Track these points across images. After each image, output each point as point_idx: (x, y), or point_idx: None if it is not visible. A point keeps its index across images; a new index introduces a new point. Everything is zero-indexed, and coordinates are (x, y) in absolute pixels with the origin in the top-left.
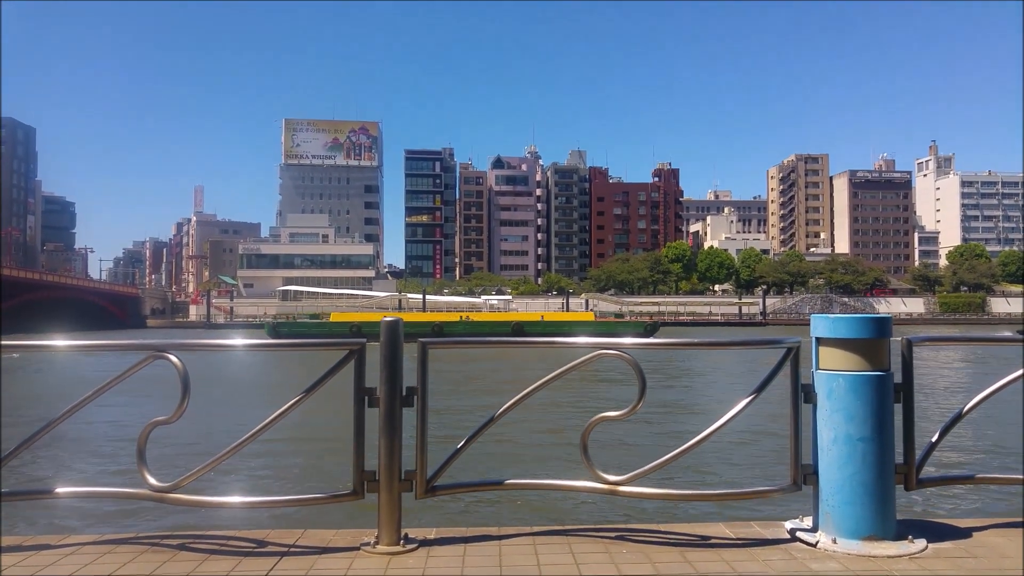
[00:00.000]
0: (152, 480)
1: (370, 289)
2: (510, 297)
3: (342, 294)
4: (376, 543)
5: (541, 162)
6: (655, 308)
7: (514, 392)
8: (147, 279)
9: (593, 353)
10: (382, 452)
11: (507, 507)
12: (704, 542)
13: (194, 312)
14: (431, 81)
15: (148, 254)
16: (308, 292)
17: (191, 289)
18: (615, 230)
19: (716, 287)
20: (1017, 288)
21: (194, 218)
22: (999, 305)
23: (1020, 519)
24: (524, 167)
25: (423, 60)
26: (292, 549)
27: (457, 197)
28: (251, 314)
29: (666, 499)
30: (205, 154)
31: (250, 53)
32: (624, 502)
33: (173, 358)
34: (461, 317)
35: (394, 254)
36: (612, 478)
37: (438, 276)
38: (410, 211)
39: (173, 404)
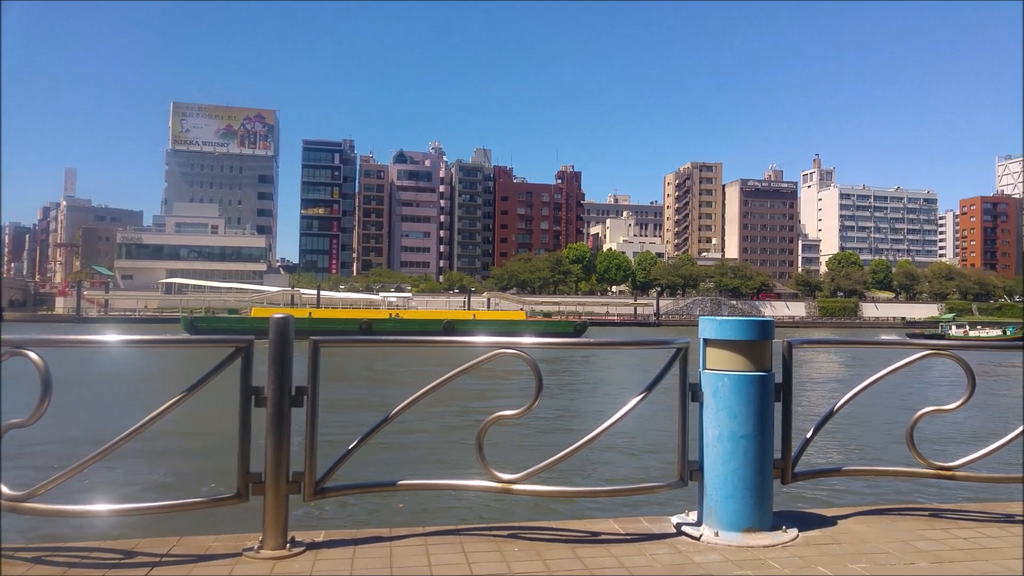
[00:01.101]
0: (4, 488)
1: (261, 283)
2: (410, 295)
3: (231, 288)
4: (260, 548)
5: (445, 159)
6: (555, 308)
7: (418, 392)
8: (5, 268)
9: (492, 352)
10: (269, 453)
11: (403, 508)
12: (594, 538)
13: (61, 305)
14: (333, 72)
15: (7, 240)
16: (194, 285)
17: (58, 280)
18: (518, 230)
19: (614, 288)
20: (884, 294)
21: (64, 203)
22: (869, 310)
23: (880, 507)
24: (428, 163)
25: (325, 51)
26: (165, 558)
27: (357, 191)
28: (129, 307)
29: (559, 496)
30: (79, 135)
31: (132, 30)
32: (520, 500)
33: (32, 354)
34: (391, 314)
35: (288, 248)
36: (506, 477)
37: (334, 271)
38: (306, 203)
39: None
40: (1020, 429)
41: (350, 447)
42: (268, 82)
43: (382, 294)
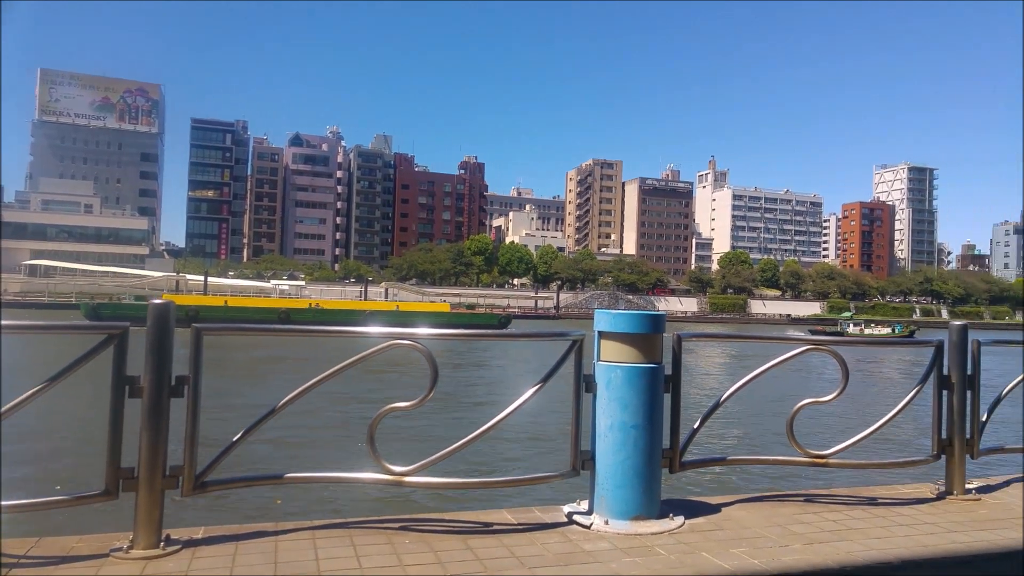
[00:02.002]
0: None
1: (143, 268)
2: (303, 283)
3: (107, 272)
4: (130, 547)
5: (344, 144)
6: (456, 299)
7: (307, 383)
8: None
9: (386, 343)
10: (144, 446)
11: (286, 503)
12: (486, 529)
13: None
14: (225, 51)
15: None
16: (64, 268)
17: None
18: (419, 219)
19: (515, 281)
20: (771, 292)
21: None
22: (757, 307)
23: (760, 494)
24: (325, 147)
25: (217, 28)
26: (22, 560)
27: (249, 173)
28: None
29: (452, 488)
30: None
31: None
32: (415, 494)
33: None
34: (311, 304)
35: (174, 231)
36: (398, 469)
37: (223, 257)
38: (194, 185)
39: None
40: (883, 420)
41: (235, 439)
42: (152, 55)
43: (274, 282)
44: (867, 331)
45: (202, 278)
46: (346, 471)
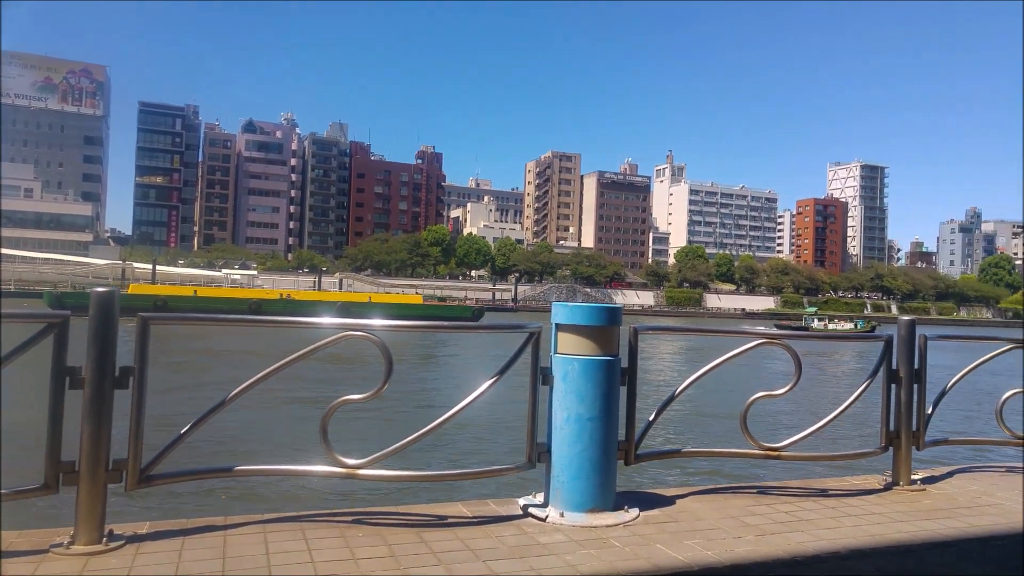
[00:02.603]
0: None
1: (87, 255)
2: (255, 273)
3: (48, 259)
4: (71, 543)
5: (298, 131)
6: (412, 290)
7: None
8: None
9: (340, 334)
10: (85, 439)
11: (235, 497)
12: (441, 522)
13: None
14: (175, 35)
15: None
16: (3, 255)
17: None
18: (375, 209)
19: (473, 273)
20: (727, 287)
21: None
22: (712, 301)
23: (714, 486)
24: (279, 134)
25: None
26: None
27: (200, 160)
28: None
29: (406, 481)
30: None
31: None
32: (369, 487)
33: None
34: (282, 295)
35: (121, 218)
36: (351, 462)
37: (173, 245)
38: (142, 171)
39: None
40: (834, 413)
41: (182, 431)
42: (99, 36)
43: (225, 271)
44: (831, 326)
45: (150, 267)
46: (298, 464)
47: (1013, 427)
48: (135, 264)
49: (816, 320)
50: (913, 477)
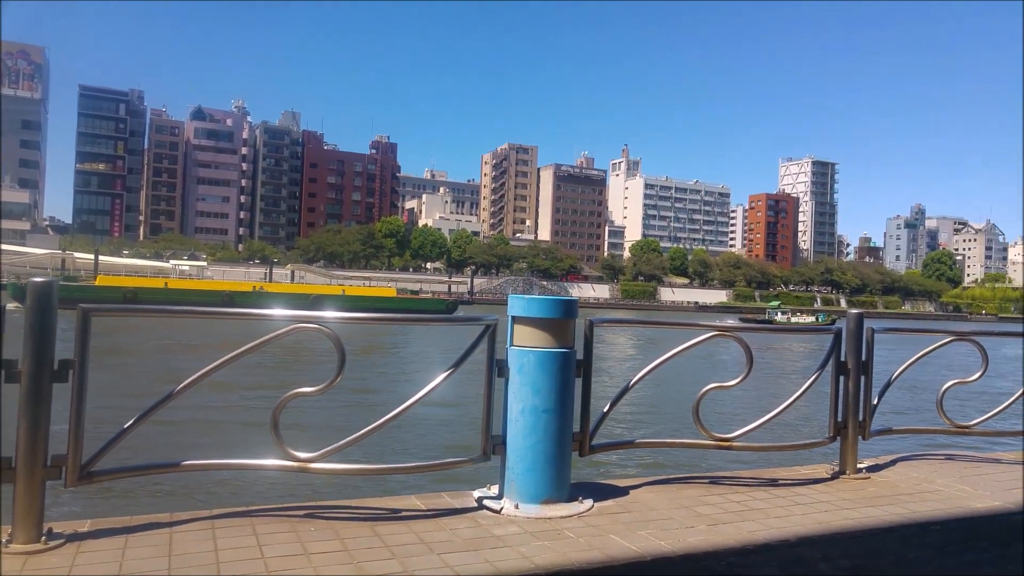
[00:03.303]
0: None
1: (23, 244)
2: (205, 264)
3: None
4: (9, 541)
5: (250, 119)
6: (366, 283)
7: (207, 367)
8: None
9: (291, 327)
10: (22, 434)
11: (185, 493)
12: (395, 515)
13: None
14: (119, 14)
15: None
16: None
17: None
18: (328, 199)
19: (428, 265)
20: (680, 280)
21: None
22: (666, 294)
23: (667, 477)
24: (230, 122)
25: None
26: None
27: (146, 147)
28: None
29: (359, 474)
30: None
31: None
32: (324, 481)
33: None
34: (255, 287)
35: (60, 206)
36: (303, 455)
37: (117, 235)
38: (83, 157)
39: None
40: (784, 404)
41: (126, 426)
42: (37, 16)
43: (173, 262)
44: (794, 319)
45: (92, 257)
46: (248, 458)
47: (952, 416)
48: (76, 254)
49: (780, 313)
50: (859, 466)
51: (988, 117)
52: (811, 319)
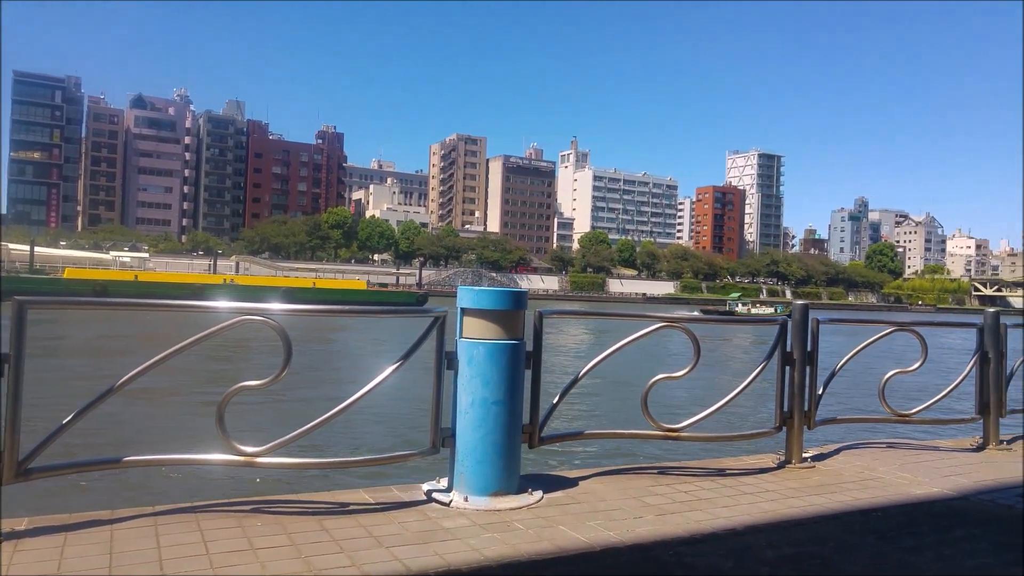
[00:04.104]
0: None
1: None
2: (147, 255)
3: None
4: None
5: (192, 108)
6: (312, 274)
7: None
8: None
9: (237, 319)
10: None
11: (117, 488)
12: (343, 509)
13: None
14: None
15: None
16: None
17: None
18: (273, 190)
19: (375, 256)
20: (629, 271)
21: None
22: (615, 285)
23: (616, 468)
24: (172, 111)
25: None
26: None
27: (84, 135)
28: None
29: (306, 468)
30: None
31: None
32: (271, 476)
33: None
34: (225, 280)
35: None
36: (249, 449)
37: (54, 225)
38: (17, 145)
39: None
40: (731, 395)
41: (64, 421)
42: None
43: (113, 253)
44: (754, 311)
45: (27, 248)
46: (193, 453)
47: (894, 405)
48: (10, 245)
49: (741, 305)
50: (804, 455)
51: (928, 112)
52: (771, 310)
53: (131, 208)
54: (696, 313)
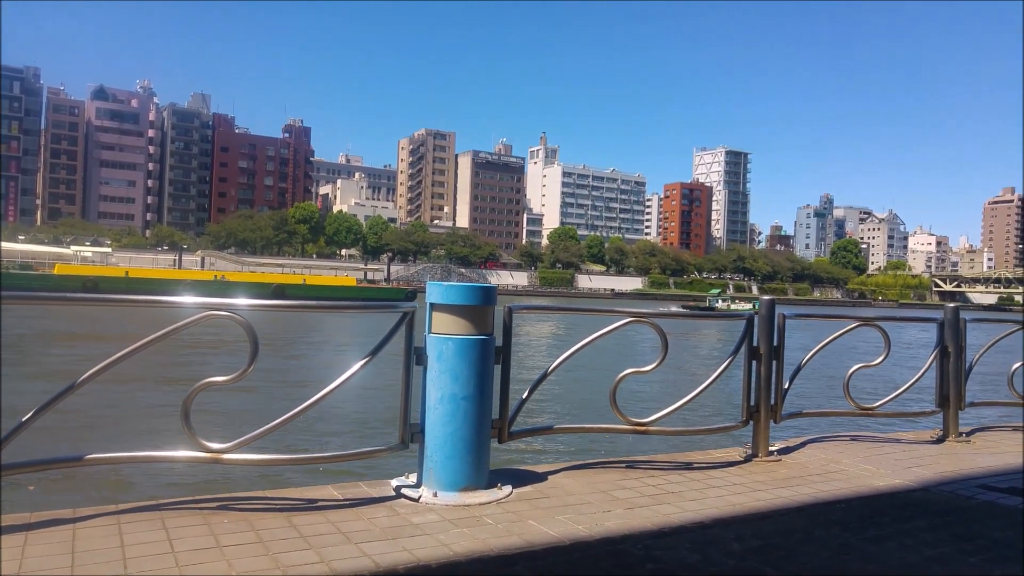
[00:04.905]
0: None
1: None
2: (109, 250)
3: None
4: None
5: (156, 100)
6: (279, 270)
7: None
8: None
9: (202, 314)
10: None
11: (96, 488)
12: (311, 505)
13: None
14: None
15: None
16: None
17: None
18: (239, 184)
19: (343, 252)
20: (597, 267)
21: None
22: (583, 281)
23: (585, 462)
24: (135, 103)
25: None
26: None
27: (43, 127)
28: None
29: (274, 465)
30: None
31: None
32: (238, 473)
33: None
34: (216, 276)
35: None
36: (216, 446)
37: (12, 219)
38: None
39: None
40: (698, 389)
41: (23, 419)
42: None
43: (74, 247)
44: (733, 307)
45: None
46: (159, 450)
47: (858, 399)
48: None
49: (721, 301)
50: (771, 448)
51: (892, 111)
52: (748, 306)
53: (92, 202)
54: (675, 308)
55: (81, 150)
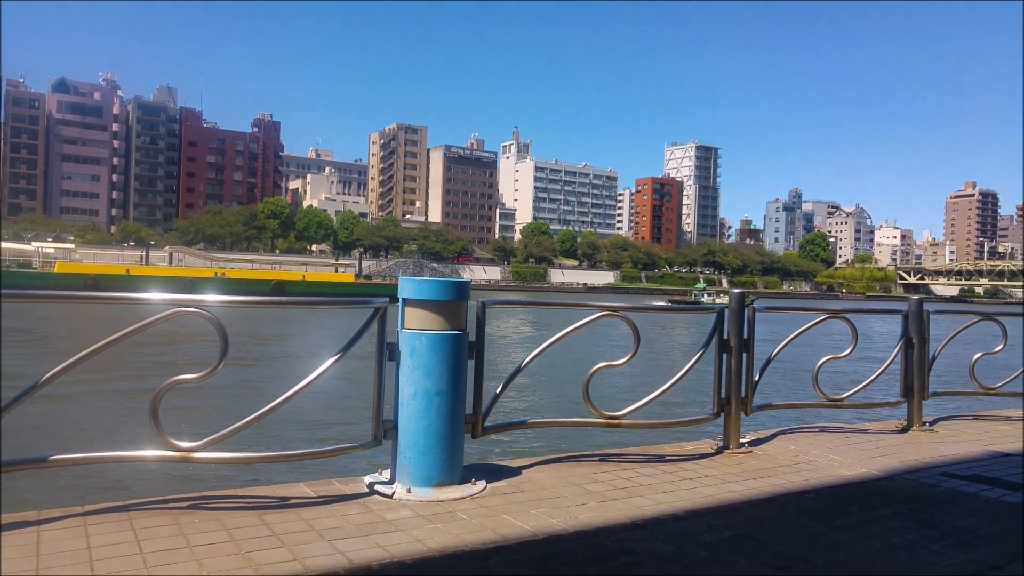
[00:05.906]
0: None
1: None
2: (72, 246)
3: None
4: None
5: (121, 94)
6: (249, 265)
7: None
8: None
9: (171, 311)
10: None
11: (62, 490)
12: (283, 503)
13: None
14: None
15: None
16: None
17: None
18: (208, 179)
19: (314, 247)
20: (570, 262)
21: None
22: (556, 276)
23: (559, 456)
24: (98, 96)
25: None
26: None
27: (2, 120)
28: None
29: (245, 463)
30: None
31: None
32: (204, 471)
33: None
34: (216, 273)
35: None
36: (186, 444)
37: None
38: None
39: None
40: (670, 382)
41: None
42: None
43: (35, 244)
44: (718, 301)
45: None
46: (126, 450)
47: (826, 390)
48: None
49: (706, 295)
50: (741, 440)
51: (860, 107)
52: None
53: (54, 197)
54: (660, 303)
55: (42, 144)
